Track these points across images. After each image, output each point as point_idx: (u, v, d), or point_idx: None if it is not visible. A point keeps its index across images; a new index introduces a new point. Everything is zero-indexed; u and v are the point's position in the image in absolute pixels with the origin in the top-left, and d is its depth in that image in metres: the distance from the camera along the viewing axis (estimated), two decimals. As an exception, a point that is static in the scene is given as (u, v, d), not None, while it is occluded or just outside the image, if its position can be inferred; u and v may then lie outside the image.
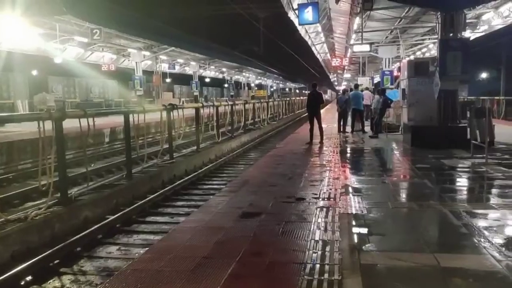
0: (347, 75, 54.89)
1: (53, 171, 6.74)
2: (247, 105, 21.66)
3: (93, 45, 27.29)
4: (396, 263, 3.49)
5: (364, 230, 4.39)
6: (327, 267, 3.42)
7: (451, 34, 10.77)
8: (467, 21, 14.27)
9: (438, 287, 3.10)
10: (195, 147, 13.61)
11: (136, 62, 30.56)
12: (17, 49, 22.81)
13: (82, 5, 15.33)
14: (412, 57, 25.49)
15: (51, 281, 5.02)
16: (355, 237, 4.22)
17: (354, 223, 4.64)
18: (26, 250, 5.62)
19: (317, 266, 3.45)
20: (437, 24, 12.06)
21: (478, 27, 19.49)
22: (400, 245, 3.98)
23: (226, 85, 57.98)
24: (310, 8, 13.16)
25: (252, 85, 67.12)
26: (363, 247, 3.90)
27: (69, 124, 7.15)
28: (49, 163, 6.71)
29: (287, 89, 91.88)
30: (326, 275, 3.27)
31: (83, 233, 6.22)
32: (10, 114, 12.55)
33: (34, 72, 28.81)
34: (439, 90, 10.57)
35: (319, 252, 3.75)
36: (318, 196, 5.89)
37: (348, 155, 10.41)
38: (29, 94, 25.93)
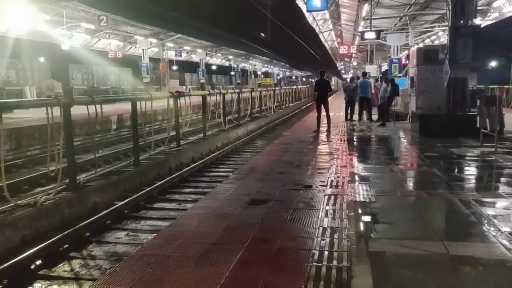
0: (354, 63, 54.50)
1: (62, 157, 6.78)
2: (253, 93, 21.59)
3: (100, 32, 27.24)
4: (405, 251, 3.48)
5: (372, 218, 4.39)
6: (335, 254, 3.42)
7: (461, 21, 10.62)
8: (478, 8, 14.03)
9: (447, 275, 3.09)
10: (201, 135, 13.62)
11: (143, 49, 30.49)
12: (40, 38, 23.43)
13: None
14: (421, 45, 25.21)
15: (60, 265, 5.08)
16: (364, 225, 4.21)
17: (362, 211, 4.63)
18: (36, 235, 5.68)
19: (326, 253, 3.45)
20: (448, 11, 11.91)
21: (488, 15, 19.18)
22: (409, 233, 3.97)
23: (232, 73, 57.74)
24: (318, -6, 12.99)
25: (259, 73, 66.81)
26: (372, 234, 3.90)
27: (76, 111, 7.15)
28: (58, 149, 6.75)
29: (293, 77, 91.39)
30: (334, 262, 3.27)
31: (92, 219, 6.27)
32: (19, 100, 12.59)
33: (57, 60, 29.35)
34: (449, 78, 10.45)
35: (327, 239, 3.75)
36: (325, 183, 5.88)
37: (356, 143, 10.37)
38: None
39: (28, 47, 24.57)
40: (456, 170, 7.19)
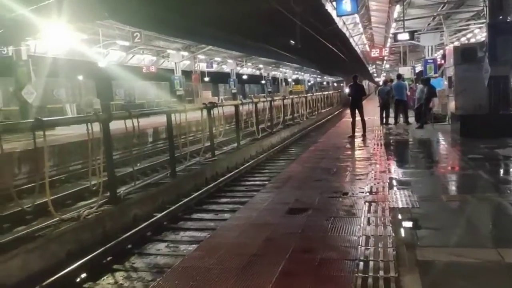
0: (386, 66, 53.47)
1: (102, 171, 6.95)
2: (285, 101, 21.55)
3: (134, 48, 28.06)
4: (456, 259, 3.30)
5: (417, 225, 4.22)
6: (381, 263, 3.30)
7: (500, 17, 10.20)
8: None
9: (505, 285, 2.90)
10: (235, 144, 13.67)
11: (175, 63, 31.08)
12: (83, 58, 24.95)
13: (122, 10, 15.76)
14: (456, 43, 24.43)
15: (105, 277, 5.17)
16: (409, 232, 4.05)
17: (406, 217, 4.46)
18: (80, 248, 5.82)
19: (371, 263, 3.33)
20: (485, 8, 11.50)
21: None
22: (459, 240, 3.77)
23: (263, 82, 57.90)
24: (348, -2, 12.83)
25: (290, 80, 66.69)
26: (418, 242, 3.74)
27: (113, 126, 7.33)
28: (98, 163, 6.93)
29: (324, 83, 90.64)
30: (381, 272, 3.15)
31: (133, 231, 6.37)
32: (61, 118, 13.10)
33: (101, 78, 31.04)
34: (489, 77, 10.04)
35: (372, 248, 3.62)
36: (365, 190, 5.73)
37: (393, 147, 10.08)
38: (97, 96, 29.13)
39: (76, 67, 26.18)
40: (503, 172, 6.84)
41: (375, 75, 79.23)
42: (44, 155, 6.25)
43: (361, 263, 3.33)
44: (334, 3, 14.40)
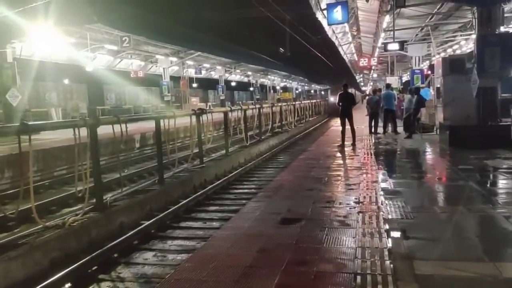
0: (374, 75, 54.06)
1: (88, 177, 6.77)
2: (274, 108, 21.53)
3: (122, 53, 27.80)
4: (454, 273, 3.24)
5: (413, 237, 4.15)
6: (379, 277, 3.21)
7: (488, 29, 10.34)
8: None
9: (505, 301, 2.85)
10: (224, 151, 13.54)
11: (164, 68, 30.87)
12: (78, 63, 24.84)
13: (112, 14, 15.60)
14: (443, 54, 24.81)
15: (90, 288, 5.00)
16: (405, 244, 3.98)
17: (401, 229, 4.40)
18: (65, 257, 5.62)
19: (369, 276, 3.25)
20: (474, 19, 11.64)
21: (513, 21, 18.74)
22: (456, 253, 3.72)
23: (251, 89, 57.96)
24: (339, 8, 12.90)
25: (278, 87, 66.89)
26: (415, 255, 3.67)
27: (101, 131, 7.16)
28: (85, 169, 6.75)
29: (312, 91, 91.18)
30: (379, 287, 3.06)
31: (119, 239, 6.19)
32: (47, 122, 12.84)
33: (93, 82, 30.99)
34: (478, 88, 10.15)
35: (369, 261, 3.54)
36: (358, 200, 5.67)
37: (384, 157, 10.07)
38: (89, 101, 29.76)
39: (68, 71, 26.07)
40: (494, 184, 6.87)
41: (362, 84, 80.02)
42: (28, 160, 6.05)
43: (359, 277, 3.24)
44: (324, 12, 14.45)
